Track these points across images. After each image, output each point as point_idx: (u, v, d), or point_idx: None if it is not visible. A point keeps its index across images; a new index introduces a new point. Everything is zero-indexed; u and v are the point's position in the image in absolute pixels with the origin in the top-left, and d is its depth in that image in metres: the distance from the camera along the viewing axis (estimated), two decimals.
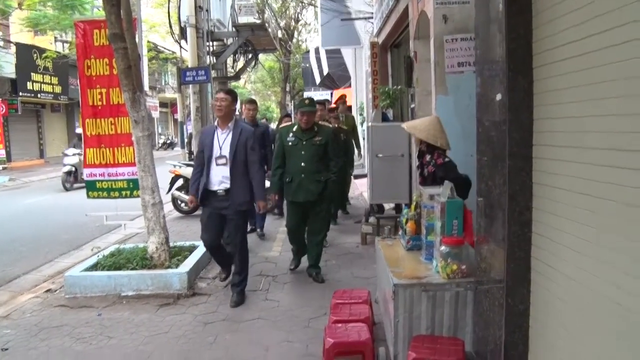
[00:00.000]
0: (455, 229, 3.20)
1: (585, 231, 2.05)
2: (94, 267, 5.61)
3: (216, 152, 4.95)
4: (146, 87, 29.16)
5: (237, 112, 6.37)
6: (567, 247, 2.17)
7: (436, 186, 3.62)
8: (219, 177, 4.95)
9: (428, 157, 4.06)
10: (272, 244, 7.30)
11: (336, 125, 7.86)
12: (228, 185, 4.93)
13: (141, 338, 4.25)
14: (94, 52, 6.30)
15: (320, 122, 6.18)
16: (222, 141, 4.97)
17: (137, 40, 5.88)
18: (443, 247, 3.12)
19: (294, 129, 5.62)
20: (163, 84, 34.09)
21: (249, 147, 4.97)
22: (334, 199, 7.18)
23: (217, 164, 4.95)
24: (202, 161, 5.06)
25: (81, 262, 6.08)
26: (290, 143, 5.55)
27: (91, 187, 6.54)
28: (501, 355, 2.52)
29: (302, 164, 5.47)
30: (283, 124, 7.26)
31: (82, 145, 6.81)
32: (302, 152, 5.49)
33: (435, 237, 3.35)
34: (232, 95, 5.10)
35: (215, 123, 5.12)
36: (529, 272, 2.48)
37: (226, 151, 4.93)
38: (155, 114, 30.11)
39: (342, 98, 10.48)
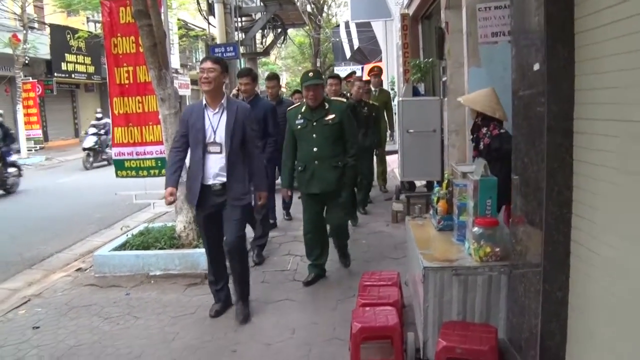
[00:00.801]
0: (489, 209, 3.02)
1: (630, 213, 1.85)
2: (123, 246, 5.63)
3: (209, 137, 4.03)
4: (177, 65, 29.31)
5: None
6: (610, 230, 1.98)
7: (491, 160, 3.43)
8: (215, 169, 4.04)
9: (484, 130, 3.87)
10: (301, 224, 7.19)
11: (361, 100, 7.18)
12: (224, 179, 4.05)
13: (167, 319, 4.24)
14: (120, 30, 6.23)
15: (332, 98, 5.49)
16: (216, 124, 4.04)
17: (162, 17, 5.78)
18: (476, 229, 2.95)
19: (302, 110, 4.80)
20: (194, 61, 34.16)
21: (248, 128, 4.14)
22: (357, 186, 6.69)
23: (209, 152, 4.04)
24: (184, 147, 4.18)
25: (111, 241, 6.12)
26: (299, 127, 4.76)
27: (120, 166, 6.53)
28: (537, 345, 2.36)
29: (315, 149, 4.70)
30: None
31: (101, 127, 6.76)
32: (314, 136, 4.71)
33: (468, 218, 3.18)
34: (221, 64, 4.08)
35: (203, 100, 4.13)
36: (568, 256, 2.29)
37: (221, 136, 4.01)
38: (187, 92, 30.22)
39: (375, 70, 9.34)
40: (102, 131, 15.19)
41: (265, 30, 15.98)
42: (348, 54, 25.94)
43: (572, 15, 2.18)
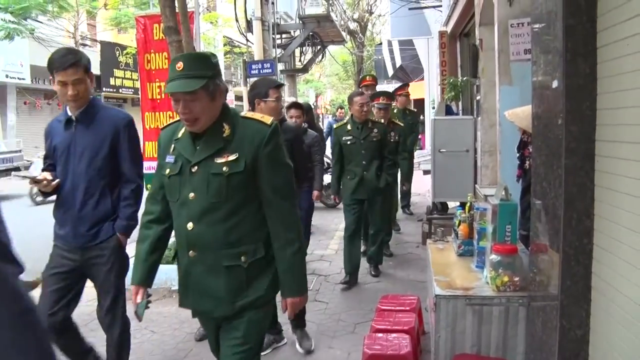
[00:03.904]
0: (509, 235, 2.83)
1: None
2: None
3: None
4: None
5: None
6: (630, 264, 1.78)
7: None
8: None
9: (531, 148, 3.66)
10: (329, 242, 7.09)
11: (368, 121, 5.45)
12: None
13: (183, 335, 4.18)
14: (154, 47, 6.35)
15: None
16: None
17: (194, 33, 5.85)
18: (493, 256, 2.76)
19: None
20: (238, 77, 34.75)
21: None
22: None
23: None
24: None
25: None
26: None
27: (150, 180, 6.60)
28: None
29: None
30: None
31: None
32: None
33: (487, 243, 2.99)
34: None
35: None
36: (589, 291, 2.09)
37: None
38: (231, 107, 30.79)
39: (405, 89, 8.24)
40: None
41: (304, 48, 16.09)
42: (390, 72, 25.88)
43: (594, 27, 2.01)
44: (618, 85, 1.94)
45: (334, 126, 5.69)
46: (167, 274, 5.26)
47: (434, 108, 13.78)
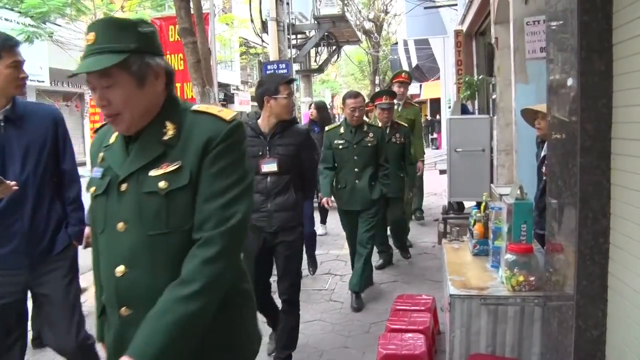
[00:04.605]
0: (524, 235, 2.81)
1: None
2: None
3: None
4: (237, 82, 30.01)
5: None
6: None
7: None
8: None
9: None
10: (344, 242, 7.03)
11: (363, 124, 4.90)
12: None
13: None
14: (169, 48, 6.44)
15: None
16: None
17: (209, 34, 5.90)
18: (508, 255, 2.74)
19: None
20: (255, 78, 34.93)
21: None
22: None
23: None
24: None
25: None
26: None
27: None
28: None
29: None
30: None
31: None
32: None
33: (502, 243, 2.97)
34: None
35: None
36: (606, 291, 2.06)
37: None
38: (247, 108, 30.93)
39: (403, 76, 6.94)
40: None
41: (319, 48, 16.10)
42: None
43: (609, 24, 1.98)
44: (634, 82, 1.91)
45: (326, 129, 5.08)
46: None
47: (450, 107, 13.70)
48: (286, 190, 3.34)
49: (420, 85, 26.90)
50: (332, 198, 4.85)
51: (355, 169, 4.71)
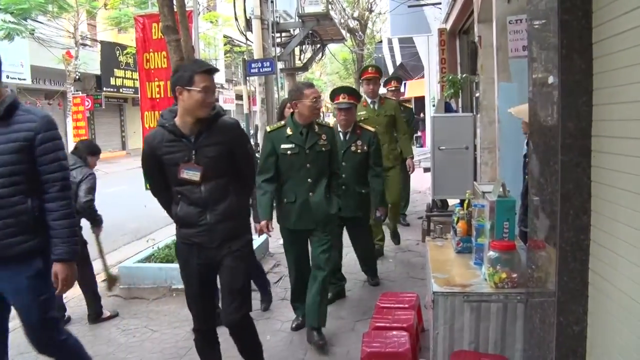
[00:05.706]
0: (507, 232, 2.83)
1: None
2: (148, 258, 5.67)
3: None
4: (222, 80, 29.83)
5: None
6: (626, 260, 1.78)
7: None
8: None
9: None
10: None
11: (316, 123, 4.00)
12: None
13: (183, 333, 4.18)
14: (152, 46, 6.35)
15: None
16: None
17: (192, 32, 5.84)
18: (491, 252, 2.76)
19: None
20: (239, 76, 34.78)
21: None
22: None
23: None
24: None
25: (138, 253, 6.17)
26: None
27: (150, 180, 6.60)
28: None
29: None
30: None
31: None
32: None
33: (485, 240, 2.99)
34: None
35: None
36: (586, 287, 2.08)
37: None
38: (232, 107, 30.76)
39: (371, 71, 6.10)
40: None
41: (304, 46, 16.08)
42: (391, 70, 25.86)
43: (589, 22, 2.00)
44: (614, 80, 1.94)
45: (267, 129, 4.10)
46: (168, 273, 5.27)
47: (434, 105, 13.78)
48: (226, 195, 2.83)
49: (405, 84, 27.00)
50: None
51: (308, 180, 3.85)
